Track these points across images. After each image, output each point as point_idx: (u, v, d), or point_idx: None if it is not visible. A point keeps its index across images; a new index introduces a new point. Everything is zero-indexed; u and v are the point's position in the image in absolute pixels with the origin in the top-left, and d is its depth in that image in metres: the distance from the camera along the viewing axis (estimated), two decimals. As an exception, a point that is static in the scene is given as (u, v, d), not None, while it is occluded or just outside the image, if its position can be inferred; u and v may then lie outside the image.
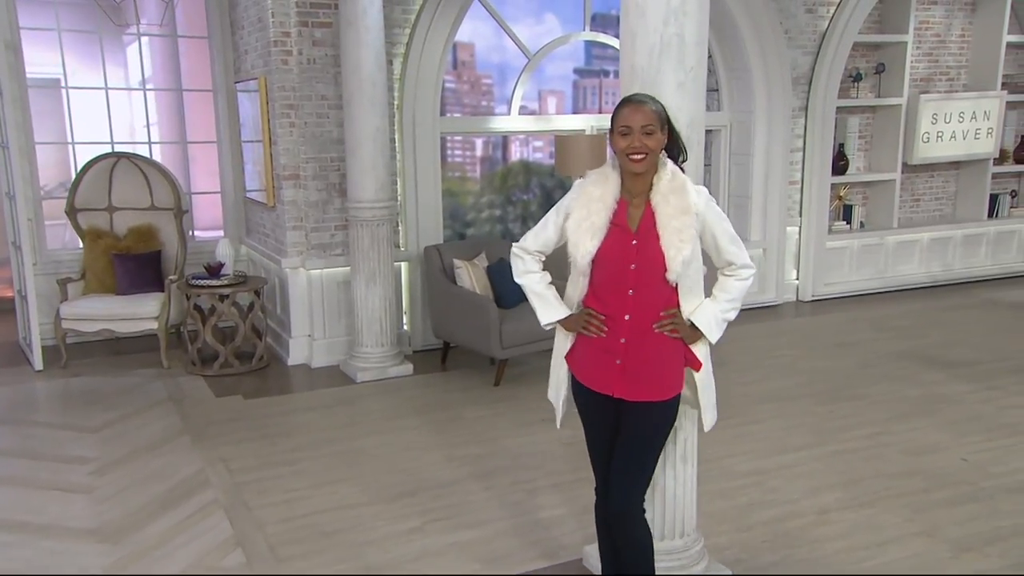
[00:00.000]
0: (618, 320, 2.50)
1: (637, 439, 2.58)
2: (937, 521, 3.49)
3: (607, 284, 2.51)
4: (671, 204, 2.45)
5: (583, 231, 2.52)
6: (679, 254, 2.43)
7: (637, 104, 2.45)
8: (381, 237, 5.61)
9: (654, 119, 2.43)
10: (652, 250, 2.45)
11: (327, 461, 4.38)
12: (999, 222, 8.65)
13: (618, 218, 2.50)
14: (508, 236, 7.82)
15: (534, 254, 2.74)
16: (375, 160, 5.52)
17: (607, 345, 2.52)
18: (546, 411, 5.04)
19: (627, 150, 2.43)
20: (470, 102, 7.97)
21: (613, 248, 2.49)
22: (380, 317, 5.67)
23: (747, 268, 2.58)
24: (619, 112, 2.47)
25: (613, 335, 2.51)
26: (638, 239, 2.47)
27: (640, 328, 2.48)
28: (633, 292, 2.47)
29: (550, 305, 2.67)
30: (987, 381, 5.32)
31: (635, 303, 2.47)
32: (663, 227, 2.44)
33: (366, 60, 5.41)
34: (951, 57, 8.52)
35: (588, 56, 8.27)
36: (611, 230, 2.49)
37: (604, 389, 2.56)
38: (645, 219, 2.48)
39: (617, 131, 2.46)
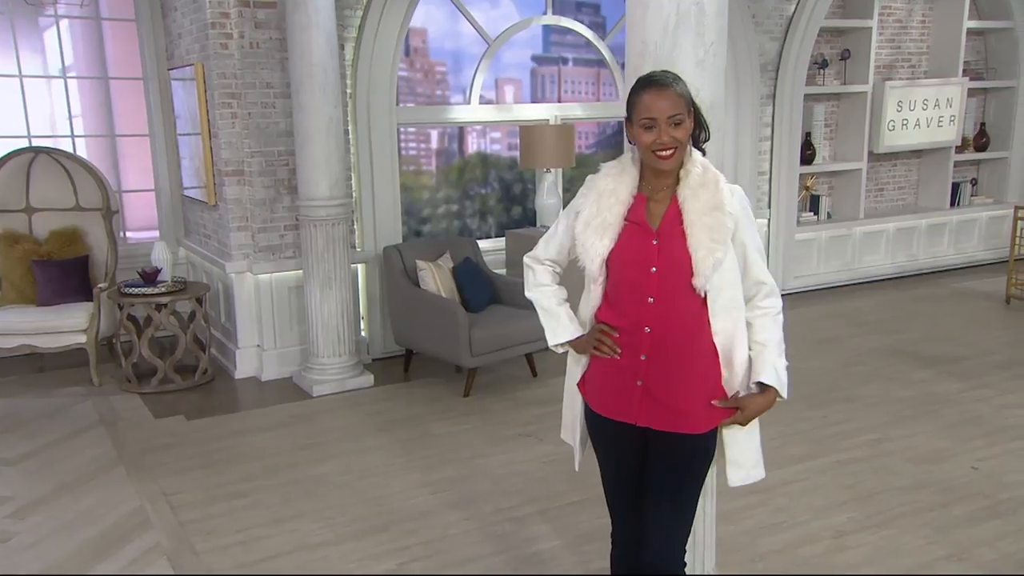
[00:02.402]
0: (637, 334, 2.10)
1: (669, 478, 2.18)
2: (963, 542, 3.22)
3: (623, 291, 2.12)
4: (701, 199, 2.06)
5: (592, 230, 2.13)
6: (710, 255, 2.03)
7: (660, 87, 2.03)
8: (337, 237, 5.13)
9: (682, 105, 2.03)
10: (677, 251, 2.06)
11: (284, 491, 3.92)
12: (961, 211, 8.57)
13: (635, 214, 2.11)
14: (467, 233, 7.40)
15: (546, 264, 2.35)
16: (328, 154, 5.04)
17: (625, 364, 2.13)
18: (523, 424, 4.70)
19: (653, 146, 2.03)
20: (424, 91, 7.51)
21: (629, 248, 2.10)
22: (337, 325, 5.20)
23: (776, 296, 2.19)
24: (639, 98, 2.05)
25: (632, 351, 2.11)
26: (660, 239, 2.08)
27: (663, 343, 2.08)
28: (654, 300, 2.07)
29: (559, 323, 2.29)
30: (976, 378, 5.12)
31: (656, 313, 2.07)
32: (691, 224, 2.05)
33: (316, 44, 4.92)
34: (912, 43, 8.39)
35: (546, 42, 7.88)
36: (626, 228, 2.10)
37: (624, 417, 2.16)
38: (669, 216, 2.09)
39: (638, 123, 2.04)
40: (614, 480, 2.32)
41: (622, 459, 2.25)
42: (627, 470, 2.26)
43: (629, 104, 2.09)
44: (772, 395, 2.13)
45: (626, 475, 2.27)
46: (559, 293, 2.34)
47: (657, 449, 2.17)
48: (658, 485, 2.20)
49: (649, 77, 2.08)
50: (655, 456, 2.18)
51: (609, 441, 2.26)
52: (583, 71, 8.03)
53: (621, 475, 2.28)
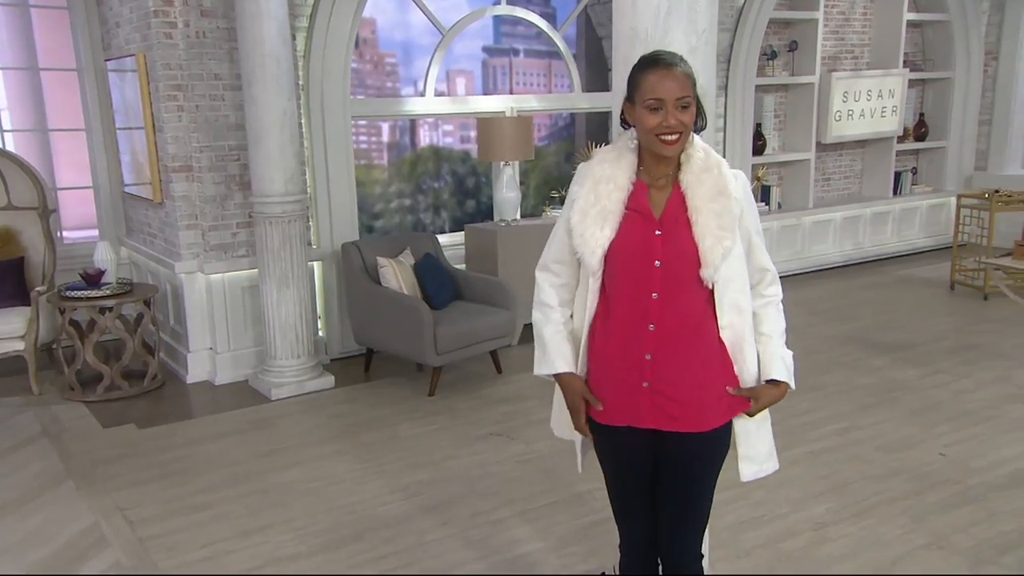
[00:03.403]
0: (641, 331, 1.99)
1: (684, 478, 2.11)
2: (940, 529, 3.26)
3: (624, 286, 2.00)
4: (706, 185, 1.97)
5: (591, 220, 2.00)
6: (719, 244, 1.93)
7: (667, 67, 1.92)
8: (293, 235, 4.95)
9: (689, 87, 1.92)
10: (682, 241, 1.96)
11: (249, 502, 3.75)
12: (903, 199, 8.79)
13: (635, 202, 2.00)
14: (420, 227, 7.27)
15: (553, 272, 2.16)
16: (283, 148, 4.85)
17: (630, 364, 2.01)
18: (492, 423, 4.61)
19: (658, 129, 1.92)
20: (374, 83, 7.33)
21: (631, 239, 1.98)
22: (295, 325, 5.03)
23: (778, 283, 2.13)
24: (643, 78, 1.93)
25: (636, 351, 2.00)
26: (663, 228, 1.98)
27: (669, 340, 1.98)
28: (658, 296, 1.96)
29: (545, 354, 2.14)
30: (931, 364, 5.24)
31: (661, 309, 1.97)
32: (697, 211, 1.95)
33: (268, 33, 4.72)
34: (855, 35, 8.55)
35: (497, 33, 7.78)
36: (627, 217, 1.99)
37: (631, 421, 2.06)
38: (672, 204, 1.99)
39: (643, 104, 1.93)
40: (623, 489, 2.20)
41: (631, 466, 2.15)
42: (637, 476, 2.16)
43: (631, 84, 1.98)
44: (784, 388, 2.08)
45: (636, 482, 2.17)
46: (558, 317, 2.14)
47: (669, 450, 2.08)
48: (673, 486, 2.13)
49: (655, 56, 1.97)
50: (668, 457, 2.09)
51: (616, 449, 2.14)
52: (535, 62, 7.95)
53: (631, 483, 2.18)
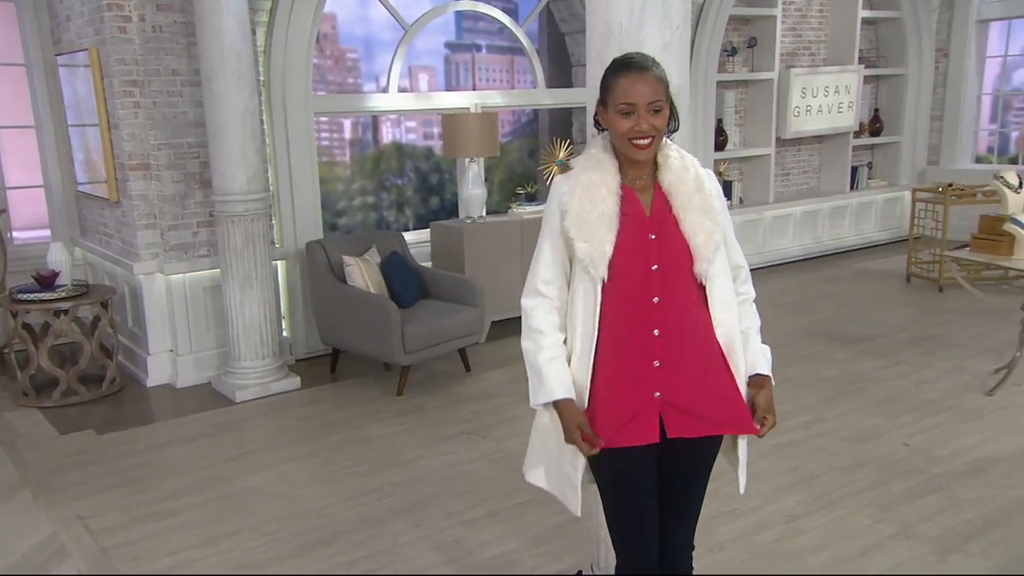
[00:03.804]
0: (647, 339, 1.95)
1: (694, 484, 2.09)
2: (907, 519, 3.32)
3: (627, 294, 1.95)
4: (686, 183, 1.97)
5: (593, 222, 1.93)
6: (710, 238, 1.93)
7: (639, 71, 1.90)
8: (256, 234, 4.86)
9: (661, 91, 1.91)
10: (674, 241, 1.95)
11: (215, 507, 3.67)
12: (860, 193, 8.95)
13: (630, 207, 1.97)
14: (384, 225, 7.21)
15: (544, 295, 2.05)
16: (245, 146, 4.75)
17: (639, 374, 1.95)
18: (462, 422, 4.57)
19: (630, 134, 1.91)
20: (335, 79, 7.24)
21: (629, 245, 1.95)
22: (259, 325, 4.93)
23: (751, 281, 2.14)
24: (615, 82, 1.92)
25: (644, 360, 1.96)
26: (656, 231, 1.96)
27: (675, 345, 1.95)
28: (659, 300, 1.94)
29: (541, 382, 2.01)
30: (892, 355, 5.34)
31: (663, 313, 1.94)
32: (683, 208, 1.94)
33: (228, 28, 4.62)
34: (812, 32, 8.67)
35: (459, 29, 7.74)
36: (623, 223, 1.96)
37: (644, 439, 1.96)
38: (657, 205, 1.98)
39: (615, 108, 1.92)
40: (633, 509, 2.07)
41: (641, 484, 2.05)
42: (649, 489, 2.06)
43: (604, 87, 1.97)
44: (769, 385, 2.06)
45: (647, 499, 2.07)
46: (550, 344, 2.02)
47: (676, 456, 2.03)
48: (676, 488, 2.09)
49: (627, 59, 1.95)
50: (674, 463, 2.05)
51: (626, 472, 2.03)
52: (497, 58, 7.92)
53: (644, 502, 2.07)
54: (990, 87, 9.42)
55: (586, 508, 3.39)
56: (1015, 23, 9.08)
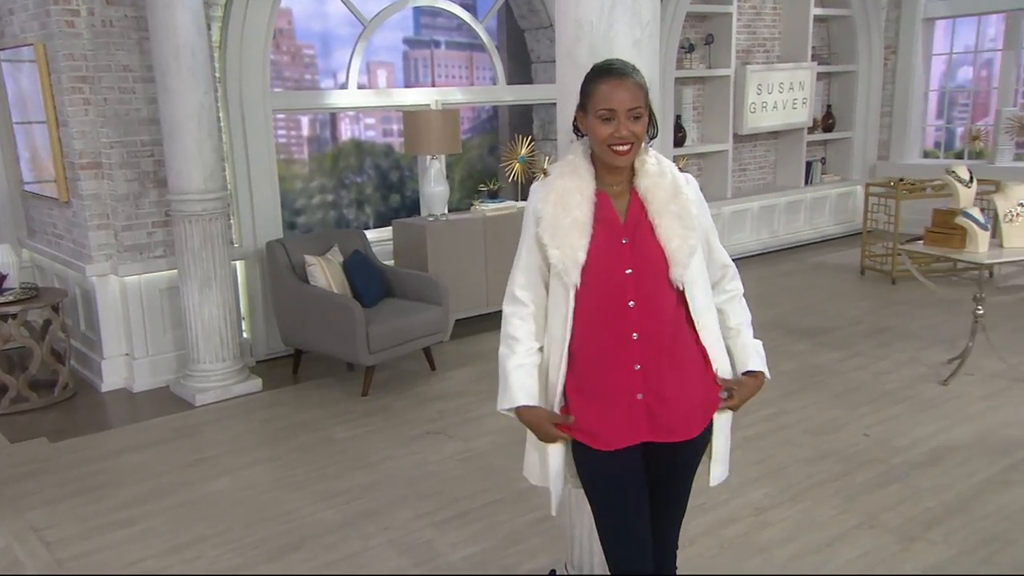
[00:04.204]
0: (625, 343, 1.95)
1: (679, 484, 2.11)
2: (870, 508, 3.38)
3: (601, 299, 1.95)
4: (662, 188, 1.96)
5: (566, 228, 1.94)
6: (684, 243, 1.92)
7: (620, 77, 1.90)
8: (215, 234, 4.75)
9: (641, 97, 1.91)
10: (649, 247, 1.94)
11: (177, 515, 3.59)
12: (814, 188, 9.11)
13: (604, 213, 1.97)
14: (344, 223, 7.13)
15: (521, 302, 2.06)
16: (201, 143, 4.65)
17: (620, 380, 1.96)
18: (428, 422, 4.54)
19: (610, 140, 1.90)
20: (292, 75, 7.13)
21: (602, 251, 1.95)
22: (219, 327, 4.83)
23: (739, 278, 2.15)
24: (595, 88, 1.92)
25: (625, 363, 1.95)
26: (629, 236, 1.96)
27: (654, 347, 1.95)
28: (635, 304, 1.94)
29: (505, 387, 2.03)
30: (849, 348, 5.44)
31: (640, 317, 1.94)
32: (659, 214, 1.94)
33: (182, 22, 4.51)
34: (766, 29, 8.79)
35: (417, 25, 7.68)
36: (597, 229, 1.96)
37: (630, 440, 1.98)
38: (633, 210, 1.98)
39: (595, 114, 1.91)
40: (623, 513, 2.06)
41: (630, 488, 2.05)
42: (639, 492, 2.06)
43: (584, 93, 1.97)
44: (761, 379, 2.08)
45: (638, 503, 2.06)
46: (523, 351, 2.04)
47: (661, 460, 2.04)
48: (661, 491, 2.10)
49: (608, 65, 1.95)
50: (659, 467, 2.06)
51: (613, 475, 2.03)
52: (456, 54, 7.88)
53: (632, 505, 2.06)
54: (936, 84, 9.66)
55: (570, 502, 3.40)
56: (959, 22, 9.32)
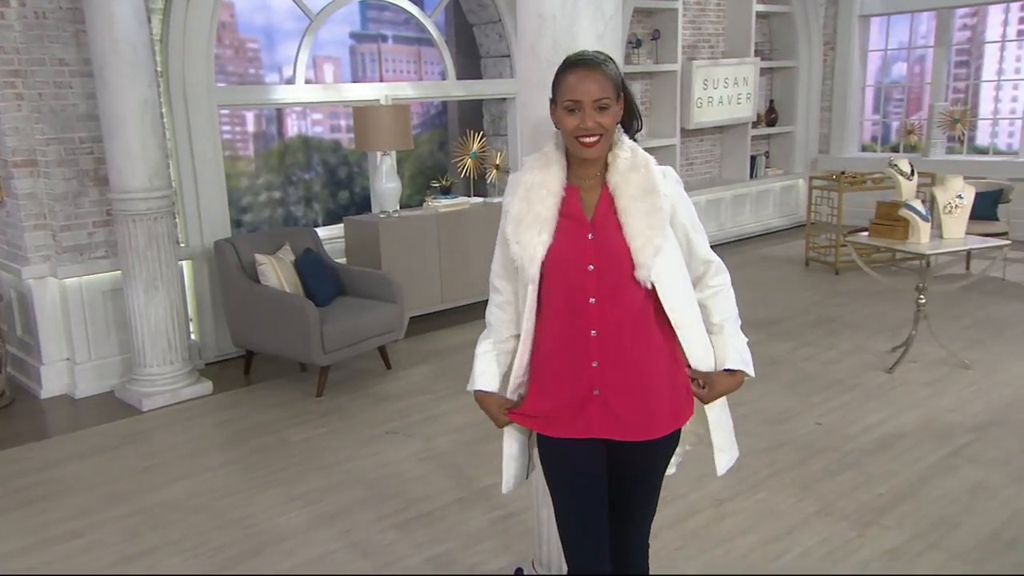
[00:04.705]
0: (584, 338, 1.93)
1: (642, 486, 2.10)
2: (826, 496, 3.46)
3: (562, 294, 1.94)
4: (633, 184, 1.93)
5: (526, 225, 1.94)
6: (649, 244, 1.89)
7: (587, 68, 1.89)
8: (160, 233, 4.61)
9: (610, 89, 1.89)
10: (614, 244, 1.92)
11: (129, 524, 3.48)
12: (759, 182, 9.29)
13: (569, 207, 1.96)
14: (292, 221, 7.01)
15: (498, 290, 2.10)
16: (145, 140, 4.50)
17: (578, 373, 1.95)
18: (386, 422, 4.48)
19: (576, 132, 1.89)
20: (235, 70, 6.97)
21: (565, 246, 1.93)
22: (167, 329, 4.69)
23: (725, 272, 2.10)
24: (563, 80, 1.91)
25: (582, 359, 1.95)
26: (594, 231, 1.94)
27: (613, 345, 1.93)
28: (596, 300, 1.92)
29: (472, 372, 2.15)
30: (799, 338, 5.57)
31: (600, 314, 1.92)
32: (625, 211, 1.92)
33: (121, 15, 4.36)
34: (711, 25, 8.92)
35: (363, 19, 7.58)
36: (561, 224, 1.95)
37: (586, 432, 1.98)
38: (602, 205, 1.95)
39: (562, 106, 1.90)
40: (579, 508, 2.04)
41: (590, 484, 2.03)
42: (595, 491, 2.04)
43: (554, 85, 1.95)
44: (740, 377, 2.03)
45: (596, 499, 2.04)
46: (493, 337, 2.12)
47: (622, 459, 2.03)
48: (631, 497, 2.10)
49: (578, 56, 1.93)
50: (624, 467, 2.04)
51: (571, 466, 2.02)
52: (404, 49, 7.80)
53: (590, 499, 2.04)
54: (872, 79, 9.94)
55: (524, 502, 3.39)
56: (894, 19, 9.60)
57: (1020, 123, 8.66)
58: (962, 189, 4.91)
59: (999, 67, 9.27)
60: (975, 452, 3.82)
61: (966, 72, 9.44)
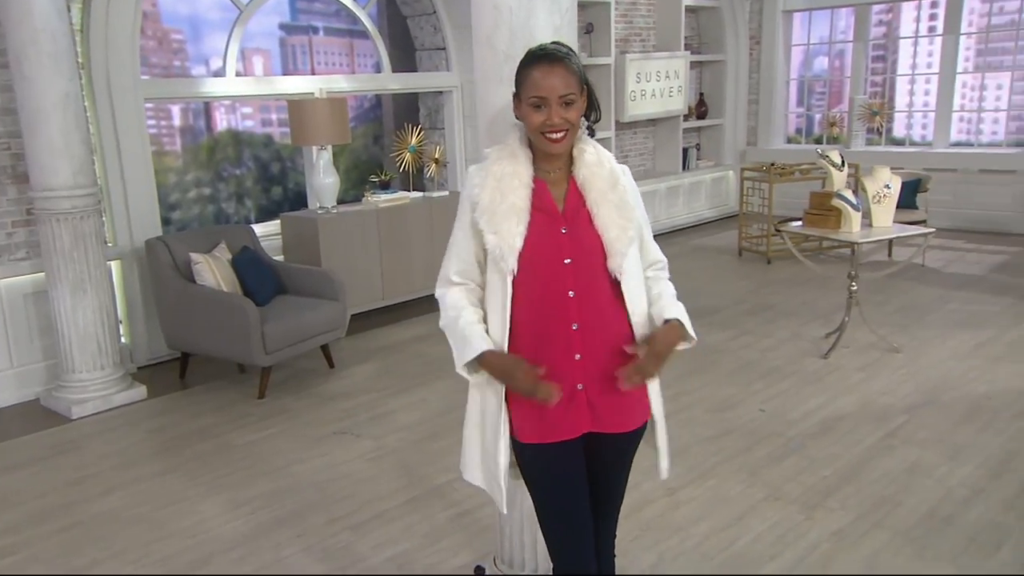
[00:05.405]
0: (566, 332, 1.92)
1: (613, 473, 2.10)
2: (773, 481, 3.54)
3: (540, 288, 1.92)
4: (601, 178, 1.94)
5: (502, 215, 1.89)
6: (623, 234, 1.91)
7: (551, 63, 1.87)
8: (87, 233, 4.41)
9: (574, 83, 1.88)
10: (587, 236, 1.92)
11: (64, 539, 3.32)
12: (691, 174, 9.46)
13: (541, 200, 1.94)
14: (223, 218, 6.81)
15: (457, 284, 2.02)
16: (68, 135, 4.29)
17: (561, 370, 1.92)
18: (333, 422, 4.40)
19: (542, 127, 1.87)
20: (159, 61, 6.71)
21: (541, 240, 1.91)
22: (96, 333, 4.49)
23: (667, 271, 2.14)
24: (528, 74, 1.89)
25: (565, 353, 1.93)
26: (567, 225, 1.94)
27: (593, 337, 1.93)
28: (575, 293, 1.91)
29: (466, 341, 1.93)
30: (736, 327, 5.70)
31: (579, 306, 1.92)
32: (597, 204, 1.92)
33: (39, 4, 4.15)
34: (642, 19, 9.03)
35: (293, 10, 7.40)
36: (534, 216, 1.93)
37: (571, 433, 1.96)
38: (571, 198, 1.95)
39: (527, 102, 1.88)
40: (569, 502, 2.03)
41: (573, 480, 2.02)
42: (580, 489, 2.03)
43: (517, 80, 1.93)
44: (676, 327, 1.98)
45: (580, 493, 2.03)
46: (471, 312, 1.98)
47: (599, 450, 2.03)
48: (605, 487, 2.10)
49: (540, 50, 1.91)
50: (600, 459, 2.04)
51: (556, 468, 1.99)
52: (336, 41, 7.65)
53: (576, 492, 2.03)
54: (796, 73, 10.23)
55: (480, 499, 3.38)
56: (815, 14, 9.90)
57: (933, 116, 9.04)
58: (889, 179, 5.10)
59: (913, 62, 9.68)
60: (909, 433, 3.97)
61: (883, 66, 9.81)
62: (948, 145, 8.93)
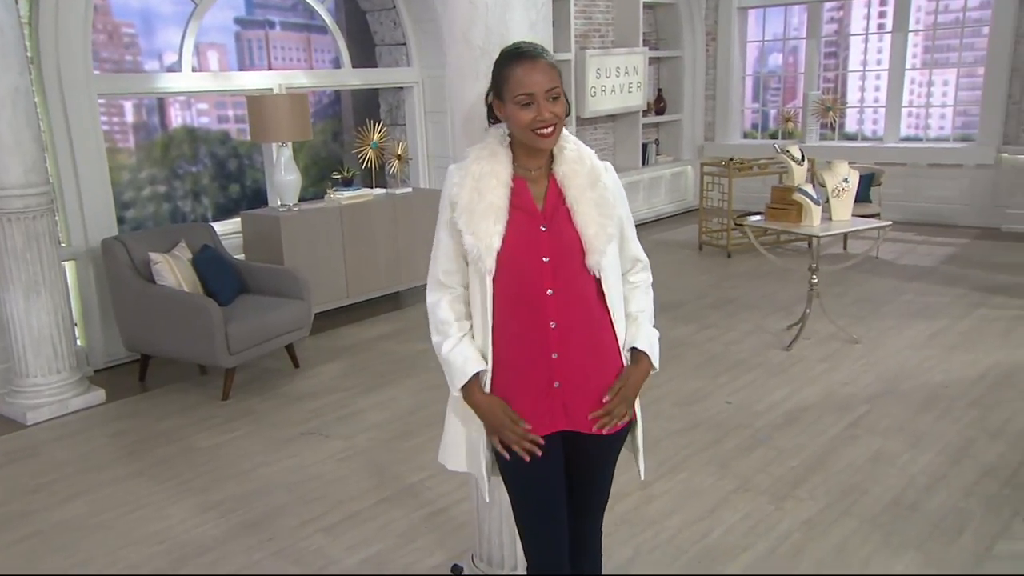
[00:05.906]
0: (543, 330, 1.92)
1: (600, 476, 2.09)
2: (743, 472, 3.59)
3: (518, 287, 1.91)
4: (581, 175, 1.94)
5: (480, 215, 1.89)
6: (602, 231, 1.91)
7: (533, 59, 1.86)
8: (40, 233, 4.27)
9: (556, 77, 1.88)
10: (566, 234, 1.92)
11: (23, 549, 3.22)
12: (650, 169, 9.54)
13: (520, 199, 1.93)
14: (179, 216, 6.67)
15: (445, 285, 2.00)
16: (18, 132, 4.15)
17: (538, 366, 1.93)
18: (301, 422, 4.33)
19: (533, 124, 1.86)
20: (110, 56, 6.54)
21: (519, 238, 1.91)
22: (51, 336, 4.36)
23: (649, 272, 2.13)
24: (510, 72, 1.87)
25: (542, 351, 1.93)
26: (546, 222, 1.93)
27: (572, 336, 1.93)
28: (553, 292, 1.91)
29: (453, 368, 1.95)
30: (700, 320, 5.76)
31: (558, 305, 1.91)
32: (577, 201, 1.91)
33: (-12, -5, 3.99)
34: (600, 15, 9.07)
35: (249, 4, 7.27)
36: (513, 215, 1.92)
37: (547, 428, 1.96)
38: (550, 196, 1.94)
39: (513, 100, 1.86)
40: (544, 504, 2.04)
41: (550, 477, 2.02)
42: (557, 486, 2.04)
43: (497, 80, 1.91)
44: (646, 363, 2.02)
45: (556, 493, 2.04)
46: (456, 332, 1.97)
47: (582, 450, 2.03)
48: (588, 486, 2.10)
49: (517, 49, 1.90)
50: (581, 458, 2.04)
51: (535, 462, 1.97)
52: (293, 36, 7.53)
53: (548, 496, 2.04)
54: (751, 69, 10.38)
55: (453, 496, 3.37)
56: (769, 11, 10.05)
57: (883, 111, 9.26)
58: (848, 173, 5.20)
59: (863, 58, 9.89)
60: (871, 422, 4.06)
61: (835, 63, 10.01)
62: (898, 140, 9.15)
